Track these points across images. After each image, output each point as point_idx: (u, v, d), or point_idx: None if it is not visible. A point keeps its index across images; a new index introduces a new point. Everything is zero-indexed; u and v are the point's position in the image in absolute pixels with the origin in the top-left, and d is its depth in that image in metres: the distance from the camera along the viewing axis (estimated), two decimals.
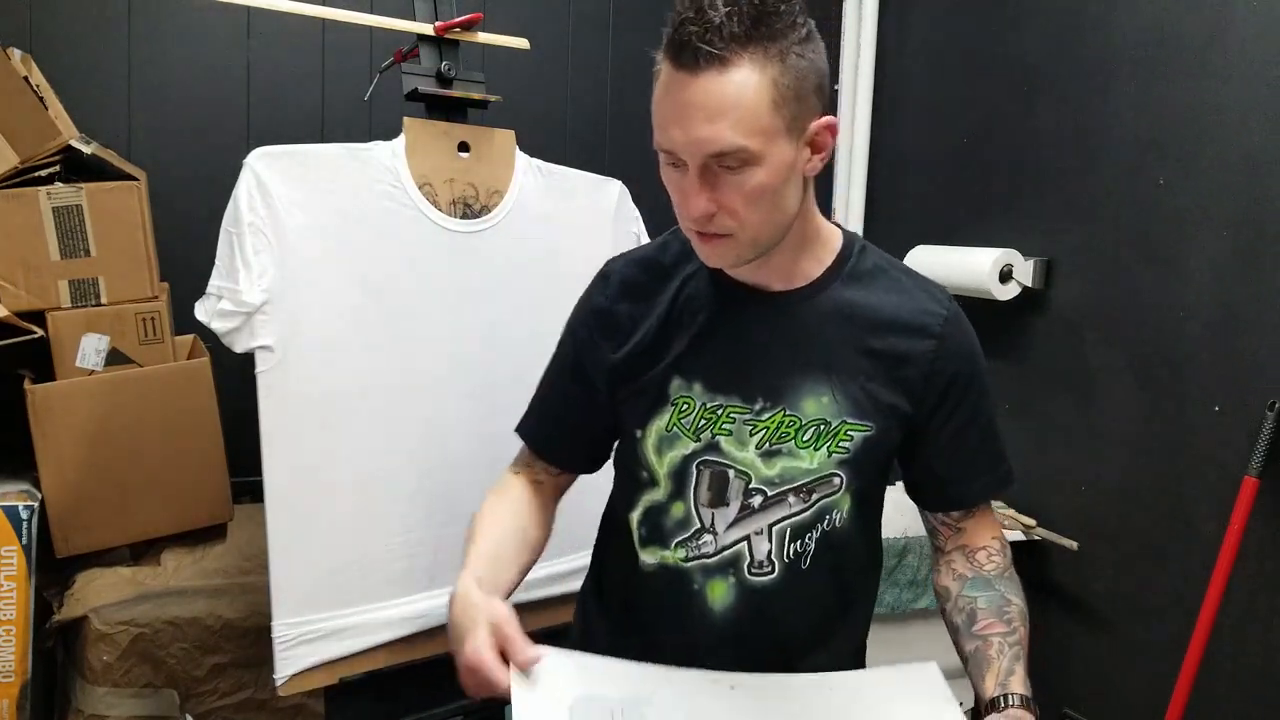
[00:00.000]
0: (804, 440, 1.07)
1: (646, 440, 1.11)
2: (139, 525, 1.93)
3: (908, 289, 1.12)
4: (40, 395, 1.81)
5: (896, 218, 2.76)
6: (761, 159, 0.94)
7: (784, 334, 1.08)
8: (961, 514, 1.18)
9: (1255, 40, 1.78)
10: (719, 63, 0.91)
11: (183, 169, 2.27)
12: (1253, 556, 1.76)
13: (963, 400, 1.11)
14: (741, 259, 1.02)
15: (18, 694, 1.73)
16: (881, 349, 1.08)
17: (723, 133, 0.93)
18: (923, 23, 2.67)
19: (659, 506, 1.12)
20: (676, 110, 0.94)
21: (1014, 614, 1.10)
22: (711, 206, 0.97)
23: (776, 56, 0.94)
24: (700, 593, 1.10)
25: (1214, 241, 1.85)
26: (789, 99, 0.95)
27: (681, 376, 1.09)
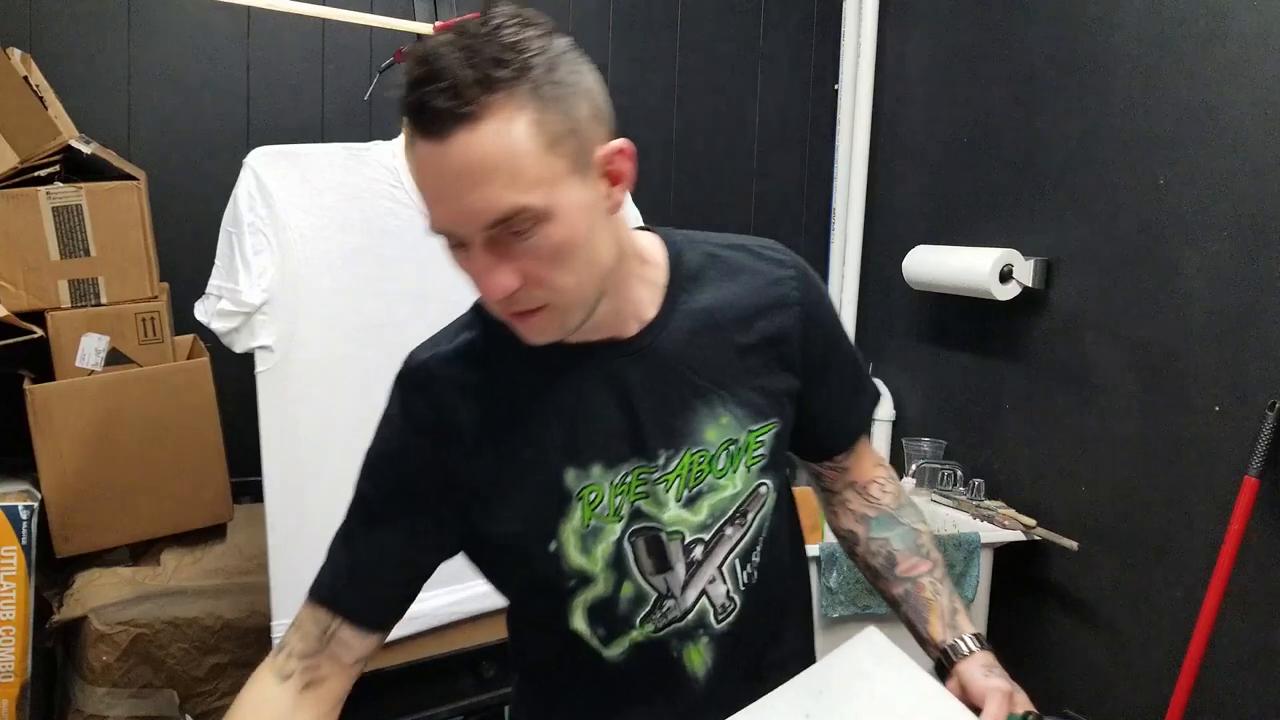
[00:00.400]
0: (719, 469, 1.00)
1: (566, 548, 0.97)
2: (139, 525, 1.93)
3: (746, 265, 1.03)
4: (40, 395, 1.81)
5: (896, 218, 2.76)
6: (552, 213, 0.82)
7: (655, 375, 0.97)
8: (845, 455, 1.14)
9: (1255, 40, 1.78)
10: (468, 120, 0.78)
11: (183, 169, 2.27)
12: (1253, 556, 1.76)
13: (833, 349, 1.07)
14: (569, 327, 0.89)
15: (18, 694, 1.73)
16: (755, 341, 1.01)
17: (495, 197, 0.80)
18: (923, 23, 2.67)
19: (606, 599, 1.00)
20: (437, 185, 0.82)
21: (927, 544, 1.10)
22: (514, 281, 0.83)
23: (530, 94, 0.80)
24: (680, 660, 1.02)
25: (1214, 241, 1.85)
26: (561, 136, 0.82)
27: (574, 466, 0.96)
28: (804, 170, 2.92)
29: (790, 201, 2.91)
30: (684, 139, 2.77)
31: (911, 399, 2.72)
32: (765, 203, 2.88)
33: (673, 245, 1.02)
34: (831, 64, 2.88)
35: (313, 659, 0.97)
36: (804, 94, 2.90)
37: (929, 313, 2.63)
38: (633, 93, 2.68)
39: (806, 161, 2.91)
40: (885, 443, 2.74)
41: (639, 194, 1.87)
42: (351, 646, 0.99)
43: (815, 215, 2.92)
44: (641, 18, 2.69)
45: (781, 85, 2.87)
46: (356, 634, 0.99)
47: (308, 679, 0.97)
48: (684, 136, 2.77)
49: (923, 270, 2.49)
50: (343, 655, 0.99)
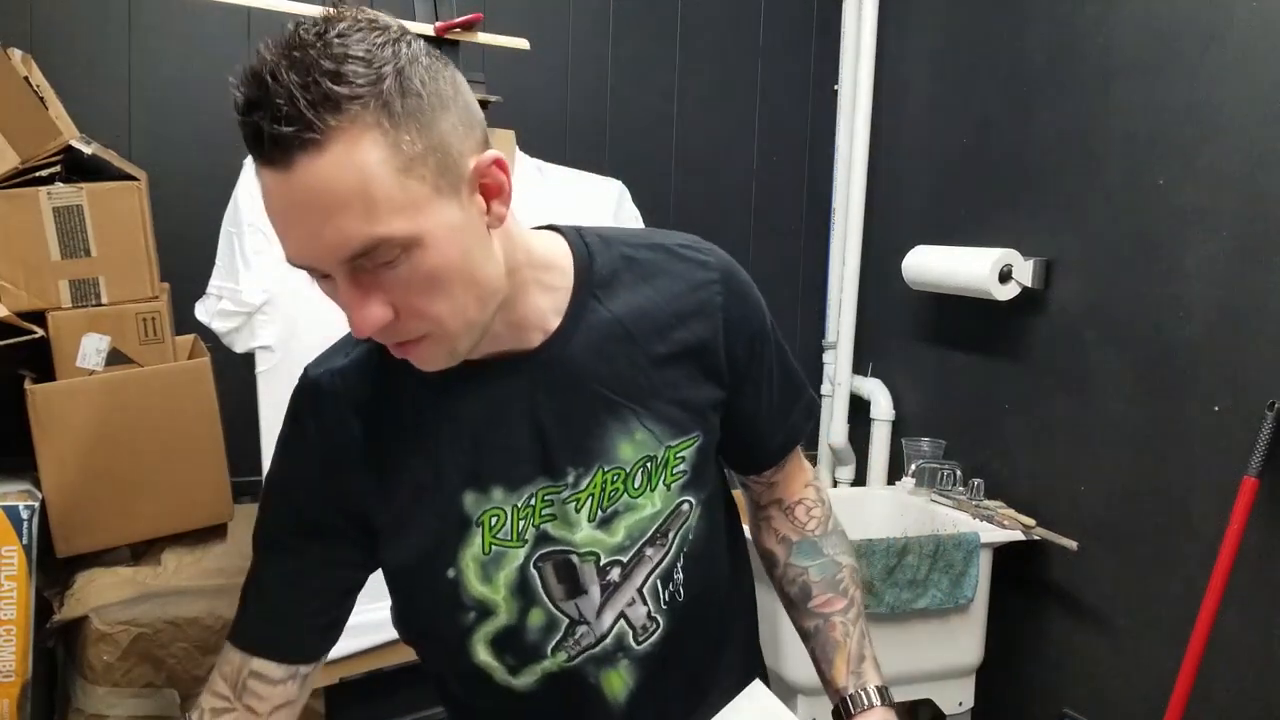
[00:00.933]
0: (635, 487, 0.92)
1: (466, 575, 0.91)
2: (139, 525, 1.93)
3: (665, 266, 0.95)
4: (40, 395, 1.81)
5: (896, 218, 2.76)
6: (418, 240, 0.73)
7: (562, 389, 0.90)
8: (773, 470, 1.08)
9: (1255, 40, 1.78)
10: (311, 146, 0.69)
11: (183, 169, 2.27)
12: (1253, 556, 1.76)
13: (761, 356, 0.99)
14: (459, 353, 0.82)
15: (18, 694, 1.73)
16: (673, 352, 0.93)
17: (349, 229, 0.71)
18: (922, 23, 2.67)
19: (511, 629, 0.93)
20: (285, 220, 0.73)
21: (846, 580, 1.04)
22: (385, 313, 0.76)
23: (380, 109, 0.71)
24: (597, 686, 0.95)
25: (1214, 241, 1.85)
26: (420, 156, 0.73)
27: (474, 489, 0.90)
28: (804, 170, 2.92)
29: (790, 201, 2.91)
30: (684, 139, 2.77)
31: (911, 399, 2.72)
32: (765, 203, 2.88)
33: (581, 248, 0.93)
34: (831, 64, 2.88)
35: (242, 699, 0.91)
36: (804, 94, 2.90)
37: (929, 313, 2.63)
38: (632, 93, 2.68)
39: (806, 161, 2.92)
40: (885, 443, 2.74)
41: (640, 194, 1.88)
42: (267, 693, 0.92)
43: (815, 215, 2.93)
44: (641, 18, 2.69)
45: (781, 85, 2.87)
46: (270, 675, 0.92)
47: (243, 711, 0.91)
48: (684, 136, 2.77)
49: (923, 270, 2.49)
50: (257, 706, 0.92)
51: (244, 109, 0.72)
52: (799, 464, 1.11)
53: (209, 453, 1.97)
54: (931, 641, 2.16)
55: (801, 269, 2.93)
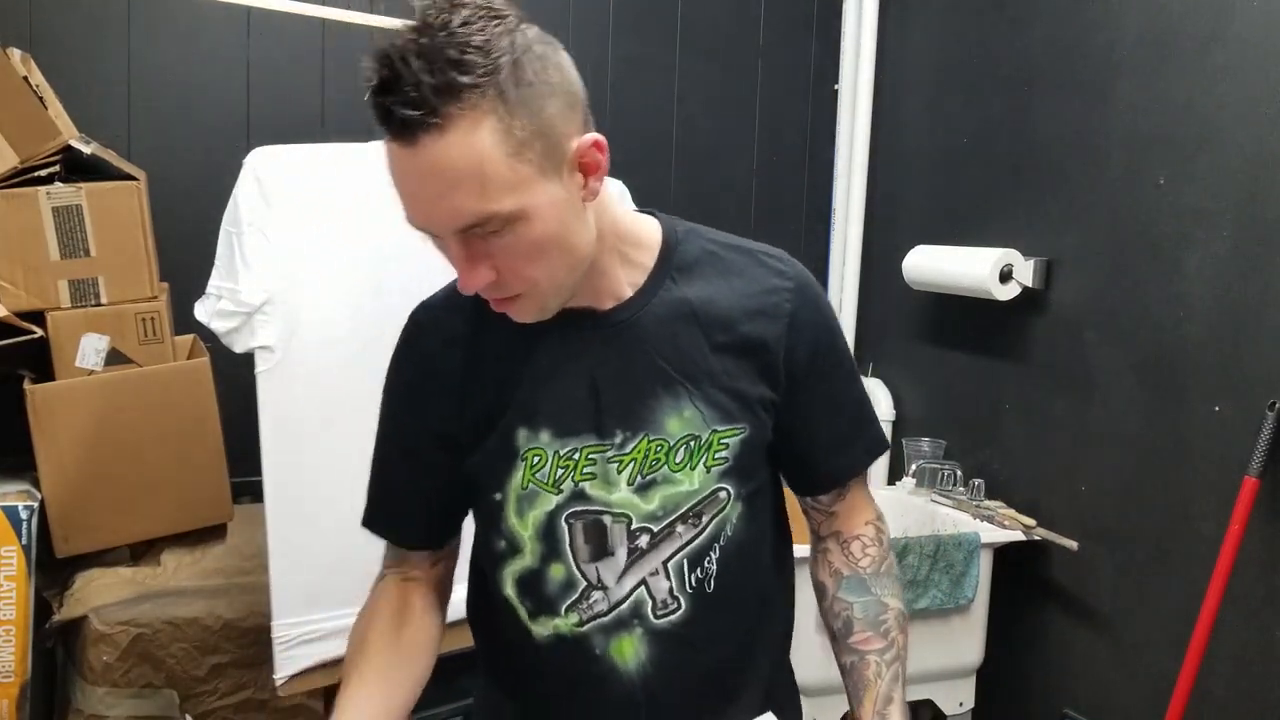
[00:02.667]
0: (677, 462, 0.97)
1: (508, 503, 0.98)
2: (139, 525, 1.93)
3: (744, 269, 1.01)
4: (40, 395, 1.81)
5: (896, 218, 2.76)
6: (524, 214, 0.82)
7: (625, 354, 0.97)
8: (832, 496, 1.10)
9: (1255, 40, 1.78)
10: (434, 129, 0.78)
11: (183, 169, 2.27)
12: (1253, 556, 1.76)
13: (823, 371, 1.03)
14: (548, 310, 0.92)
15: (18, 694, 1.73)
16: (734, 343, 0.98)
17: (464, 205, 0.80)
18: (922, 23, 2.67)
19: (532, 573, 0.99)
20: (408, 188, 0.83)
21: (890, 623, 1.05)
22: (488, 275, 0.86)
23: (496, 98, 0.79)
24: (604, 657, 0.99)
25: (1214, 241, 1.85)
26: (529, 140, 0.81)
27: (526, 426, 0.97)
28: (804, 170, 2.91)
29: (790, 201, 2.91)
30: (684, 139, 2.77)
31: (911, 399, 2.72)
32: (765, 203, 2.88)
33: (672, 234, 1.01)
34: (831, 64, 2.88)
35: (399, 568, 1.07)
36: (804, 94, 2.90)
37: (929, 313, 2.63)
38: (633, 93, 2.68)
39: (806, 161, 2.91)
40: None
41: (642, 194, 1.87)
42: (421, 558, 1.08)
43: (815, 215, 2.92)
44: (641, 19, 2.69)
45: (781, 85, 2.87)
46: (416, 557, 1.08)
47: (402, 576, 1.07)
48: (684, 136, 2.77)
49: (923, 270, 2.49)
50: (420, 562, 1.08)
51: (376, 90, 0.80)
52: (863, 500, 1.12)
53: (209, 453, 1.97)
54: (932, 641, 2.16)
55: None
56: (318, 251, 1.53)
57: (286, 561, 1.52)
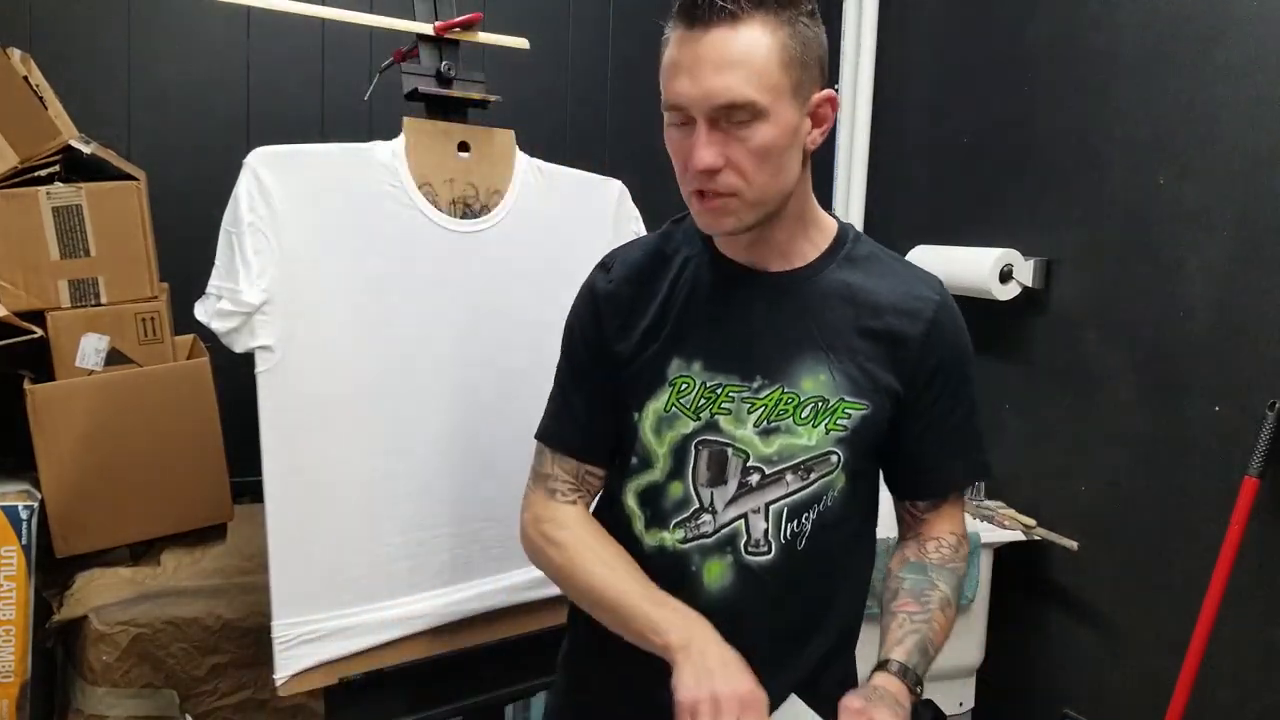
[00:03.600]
0: (802, 417, 1.08)
1: (644, 422, 1.12)
2: (139, 525, 1.93)
3: (902, 275, 1.14)
4: (40, 395, 1.81)
5: (896, 218, 2.76)
6: (768, 116, 0.98)
7: (782, 313, 1.09)
8: (928, 505, 1.19)
9: (1255, 40, 1.78)
10: (731, 18, 0.95)
11: (183, 169, 2.27)
12: (1253, 556, 1.76)
13: (947, 385, 1.12)
14: (742, 223, 1.04)
15: (18, 694, 1.73)
16: (878, 330, 1.09)
17: (733, 84, 0.96)
18: (923, 22, 2.67)
19: (656, 487, 1.12)
20: (688, 63, 0.97)
21: (933, 599, 1.12)
22: (719, 159, 0.99)
23: (786, 21, 0.98)
24: (697, 574, 1.11)
25: (1214, 241, 1.85)
26: (796, 62, 0.99)
27: (680, 357, 1.10)
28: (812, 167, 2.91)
29: None
30: None
31: None
32: None
33: (847, 230, 1.16)
34: (832, 64, 2.88)
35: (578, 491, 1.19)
36: None
37: None
38: (633, 93, 2.68)
39: None
40: None
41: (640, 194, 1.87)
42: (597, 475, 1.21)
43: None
44: (641, 18, 2.69)
45: None
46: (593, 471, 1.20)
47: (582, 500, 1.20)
48: None
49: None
50: (593, 483, 1.21)
51: None
52: (955, 514, 1.21)
53: (208, 453, 1.97)
54: None
55: None
56: (318, 251, 1.53)
57: (286, 561, 1.52)
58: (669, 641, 1.00)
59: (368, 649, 1.60)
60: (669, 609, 1.04)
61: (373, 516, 1.61)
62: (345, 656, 1.58)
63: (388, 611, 1.62)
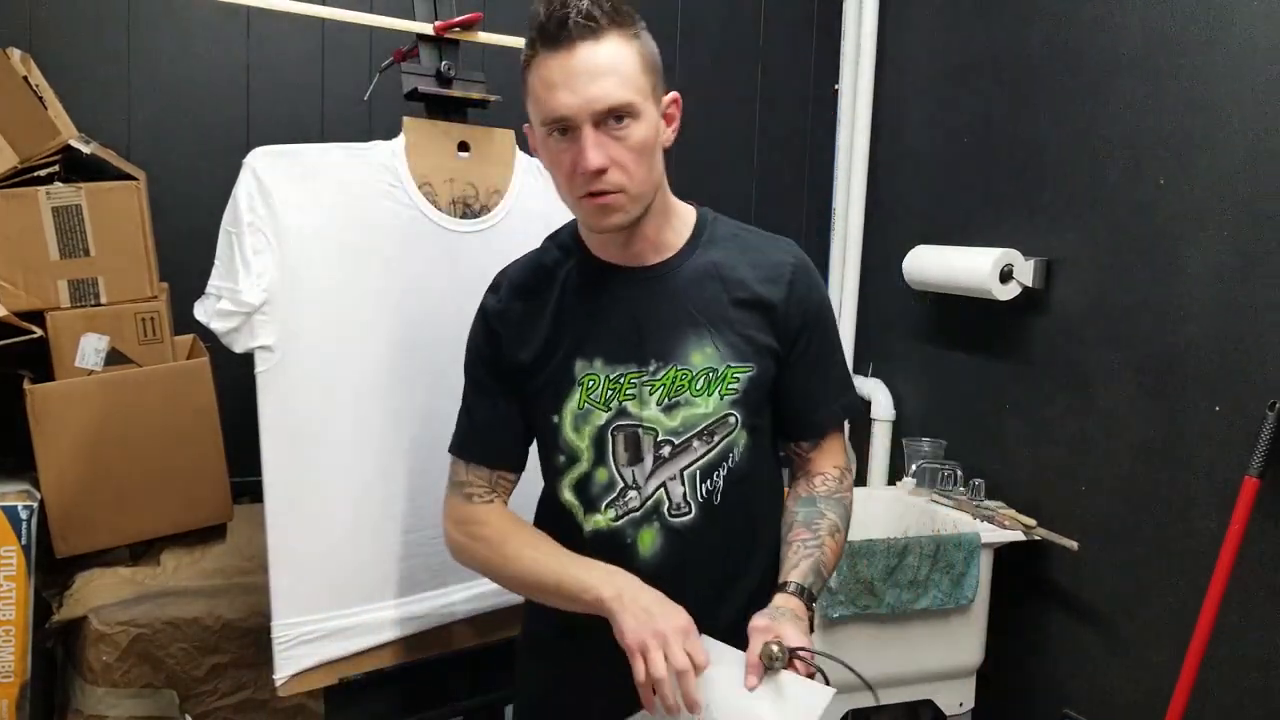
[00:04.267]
0: (697, 389, 1.21)
1: (564, 422, 1.23)
2: (138, 525, 1.93)
3: (761, 247, 1.28)
4: (40, 395, 1.81)
5: (896, 218, 2.76)
6: (641, 115, 1.12)
7: (663, 300, 1.22)
8: (810, 444, 1.32)
9: (1255, 40, 1.78)
10: (593, 34, 1.09)
11: (183, 169, 2.27)
12: (1253, 556, 1.76)
13: (812, 336, 1.26)
14: (629, 216, 1.15)
15: (17, 694, 1.73)
16: (748, 298, 1.23)
17: (610, 89, 1.09)
18: (923, 23, 2.67)
19: (586, 476, 1.23)
20: (563, 78, 1.09)
21: (822, 526, 1.24)
22: (606, 159, 1.10)
23: (634, 35, 1.13)
24: (632, 545, 1.22)
25: (1214, 241, 1.85)
26: (650, 68, 1.14)
27: (583, 357, 1.22)
28: (804, 170, 2.91)
29: (790, 201, 2.91)
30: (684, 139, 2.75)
31: (911, 399, 2.72)
32: (765, 203, 2.87)
33: (704, 215, 1.30)
34: (831, 64, 2.88)
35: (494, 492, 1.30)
36: (804, 94, 2.90)
37: (929, 313, 2.63)
38: None
39: (806, 161, 2.91)
40: (885, 443, 2.74)
41: None
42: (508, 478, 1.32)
43: (815, 215, 2.92)
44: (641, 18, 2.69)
45: (781, 86, 2.87)
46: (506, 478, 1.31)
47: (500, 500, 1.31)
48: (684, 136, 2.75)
49: (923, 270, 2.49)
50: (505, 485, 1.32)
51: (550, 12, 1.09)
52: (836, 450, 1.34)
53: (209, 453, 1.97)
54: (932, 642, 2.16)
55: None
56: (318, 251, 1.53)
57: (286, 561, 1.52)
58: (600, 595, 1.13)
59: (368, 649, 1.60)
60: (593, 568, 1.17)
61: (372, 516, 1.61)
62: (345, 656, 1.58)
63: (388, 611, 1.62)
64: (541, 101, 1.11)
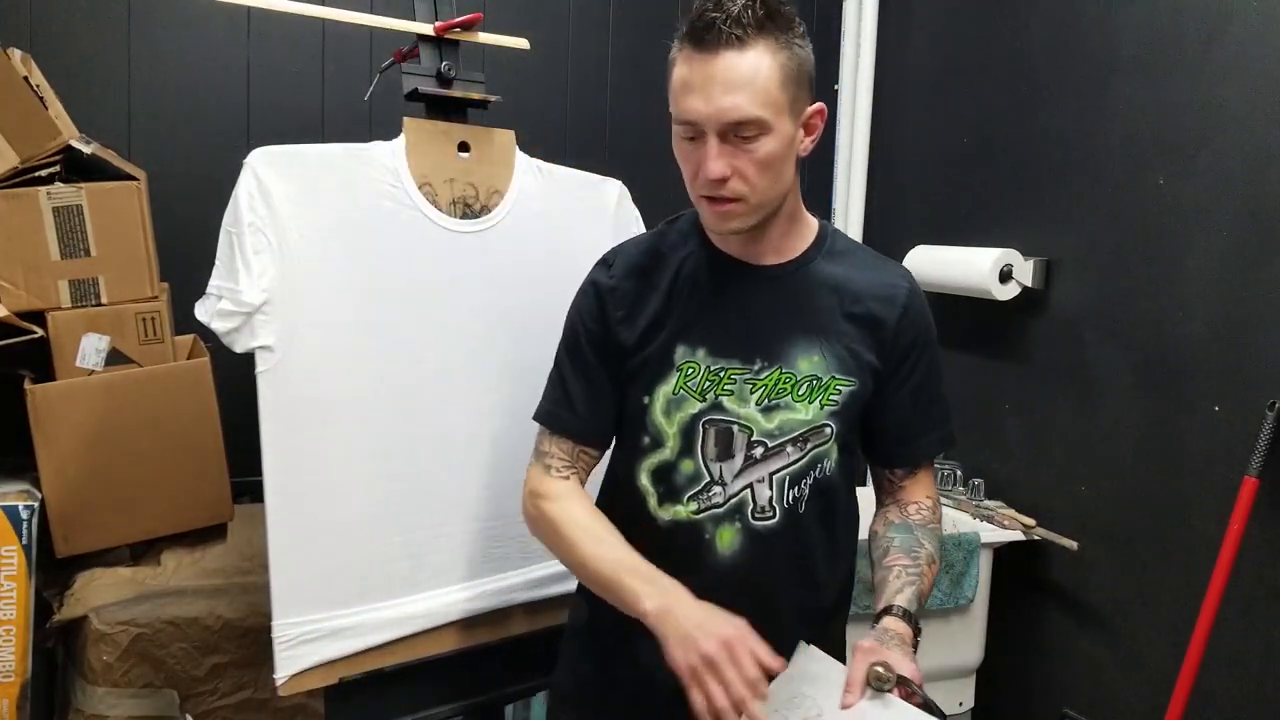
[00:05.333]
0: (799, 395, 1.20)
1: (654, 405, 1.22)
2: (139, 525, 1.93)
3: (877, 266, 1.28)
4: (40, 395, 1.81)
5: (896, 218, 2.76)
6: (771, 130, 1.10)
7: (777, 302, 1.22)
8: (905, 472, 1.32)
9: (1255, 40, 1.78)
10: (738, 44, 1.07)
11: (183, 169, 2.27)
12: (1253, 556, 1.76)
13: (918, 362, 1.27)
14: (746, 224, 1.16)
15: (18, 694, 1.73)
16: (860, 314, 1.23)
17: (741, 103, 1.08)
18: (923, 23, 2.67)
19: (668, 465, 1.22)
20: (699, 83, 1.08)
21: (922, 555, 1.24)
22: (728, 170, 1.10)
23: (784, 45, 1.09)
24: (711, 540, 1.22)
25: (1214, 241, 1.85)
26: (792, 81, 1.11)
27: (686, 344, 1.21)
28: (804, 170, 2.91)
29: None
30: None
31: None
32: None
33: (827, 228, 1.30)
34: (831, 64, 2.88)
35: (573, 468, 1.29)
36: None
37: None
38: (633, 93, 2.68)
39: (807, 162, 2.90)
40: None
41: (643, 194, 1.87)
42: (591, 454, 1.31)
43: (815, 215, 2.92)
44: (641, 18, 2.69)
45: None
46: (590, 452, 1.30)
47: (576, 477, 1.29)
48: None
49: (923, 270, 2.49)
50: (587, 461, 1.31)
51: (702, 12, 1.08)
52: (928, 480, 1.35)
53: (209, 453, 1.97)
54: (932, 642, 2.16)
55: None
56: (318, 251, 1.53)
57: (286, 561, 1.52)
58: (645, 609, 1.10)
59: (368, 649, 1.60)
60: (645, 577, 1.14)
61: (373, 516, 1.61)
62: (345, 656, 1.58)
63: (388, 611, 1.62)
64: (676, 99, 1.12)
